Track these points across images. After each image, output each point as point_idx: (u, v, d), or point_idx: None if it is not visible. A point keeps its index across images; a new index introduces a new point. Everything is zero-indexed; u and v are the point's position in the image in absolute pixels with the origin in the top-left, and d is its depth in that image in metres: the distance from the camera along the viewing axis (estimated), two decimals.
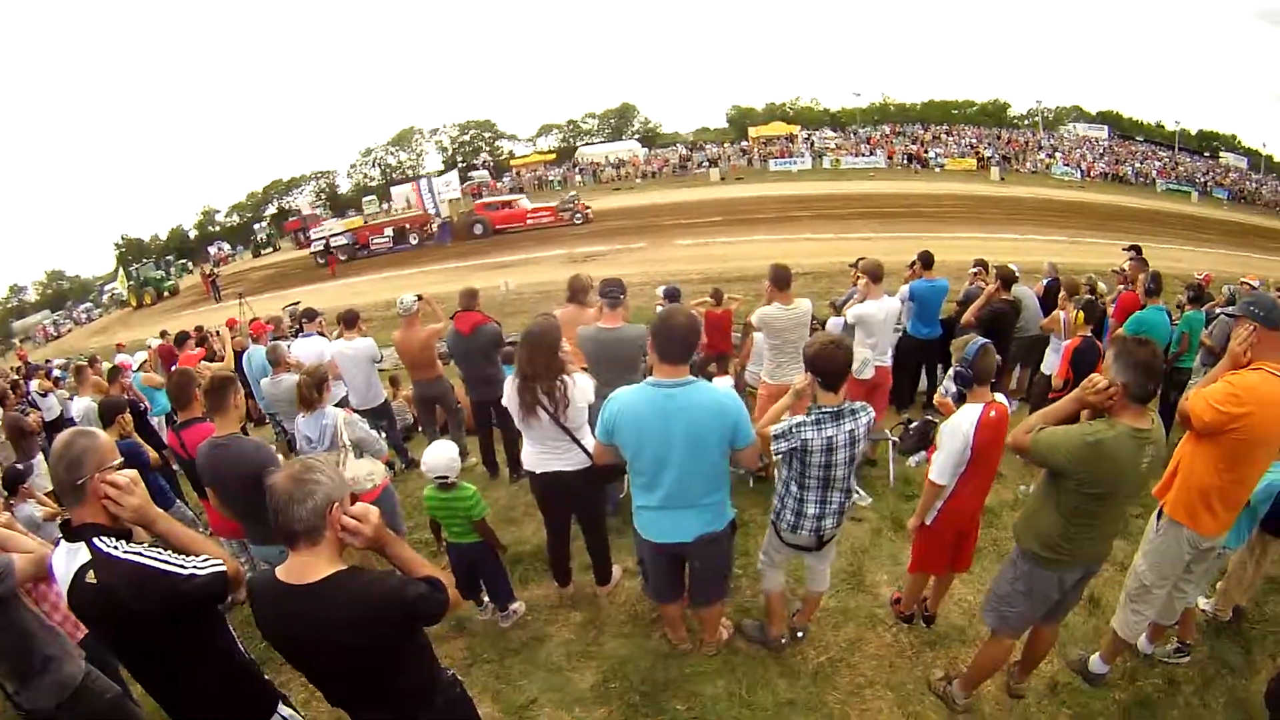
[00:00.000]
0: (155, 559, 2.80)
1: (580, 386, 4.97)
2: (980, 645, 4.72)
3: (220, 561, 2.93)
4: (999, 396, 4.59)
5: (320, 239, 44.03)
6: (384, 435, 8.63)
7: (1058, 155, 65.39)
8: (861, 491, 7.24)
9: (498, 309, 17.65)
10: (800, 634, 5.28)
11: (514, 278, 24.38)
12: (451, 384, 9.00)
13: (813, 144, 66.60)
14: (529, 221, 41.88)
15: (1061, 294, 8.54)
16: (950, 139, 68.67)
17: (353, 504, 2.76)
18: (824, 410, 4.19)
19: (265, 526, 3.01)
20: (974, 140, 68.71)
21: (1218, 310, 9.49)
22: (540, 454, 5.19)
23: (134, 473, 2.99)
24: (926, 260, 9.00)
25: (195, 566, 2.84)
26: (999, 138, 70.62)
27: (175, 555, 2.87)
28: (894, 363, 8.60)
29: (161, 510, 3.10)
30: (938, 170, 59.63)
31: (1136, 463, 3.63)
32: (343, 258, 41.92)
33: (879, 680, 4.97)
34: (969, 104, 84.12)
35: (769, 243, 28.74)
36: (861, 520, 6.93)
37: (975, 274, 9.92)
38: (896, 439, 7.65)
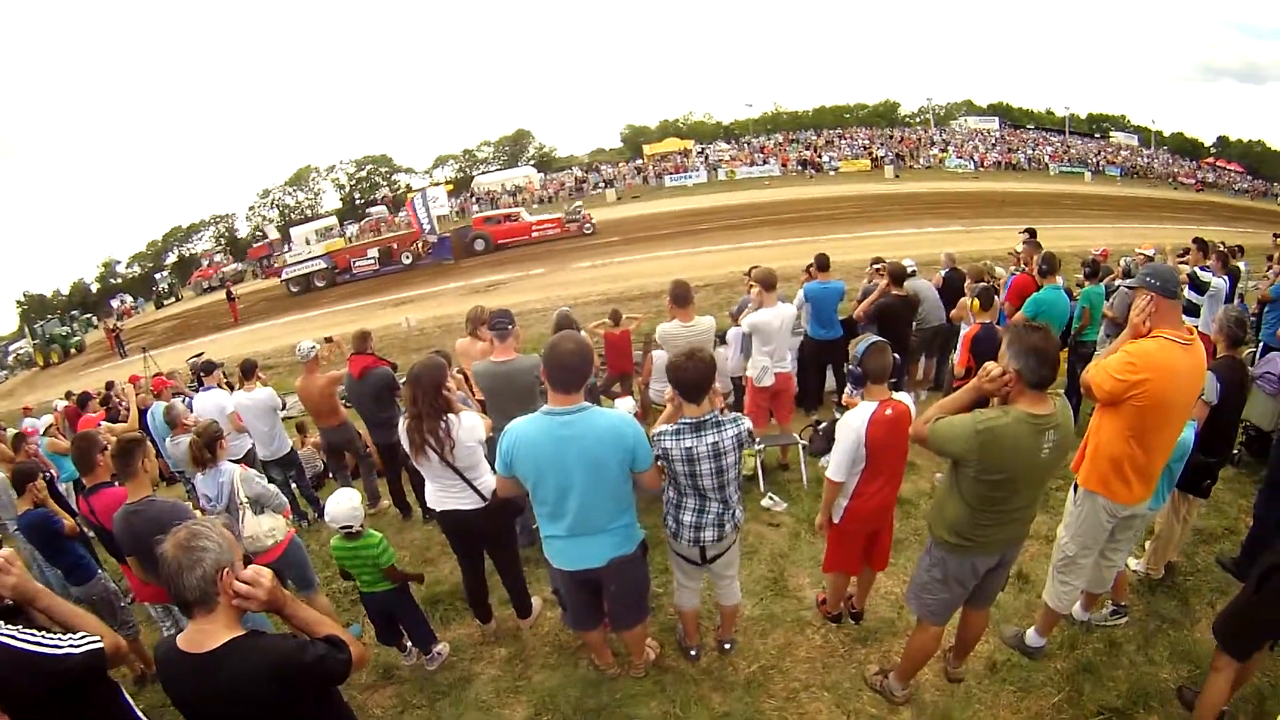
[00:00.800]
0: (28, 641, 2.71)
1: (466, 426, 4.89)
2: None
3: (98, 638, 2.87)
4: (901, 394, 4.62)
5: (297, 264, 40.99)
6: (293, 485, 8.47)
7: (950, 149, 67.31)
8: (775, 497, 7.31)
9: (401, 346, 17.51)
10: (728, 645, 5.24)
11: (416, 313, 24.07)
12: (357, 429, 8.78)
13: (706, 157, 67.20)
14: (534, 234, 40.53)
15: (967, 282, 8.64)
16: (843, 142, 70.07)
17: (255, 562, 2.68)
18: (685, 421, 4.19)
19: None
20: (867, 141, 70.23)
21: (1117, 282, 9.70)
22: (438, 492, 5.11)
23: (9, 551, 2.94)
24: (822, 263, 9.03)
25: (71, 645, 2.78)
26: (891, 137, 72.53)
27: (51, 635, 2.80)
28: (798, 365, 8.74)
29: (42, 586, 3.06)
30: (832, 173, 60.50)
31: (1035, 449, 3.62)
32: (320, 284, 39.78)
33: (814, 683, 4.93)
34: (861, 107, 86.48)
35: (669, 258, 28.93)
36: (779, 525, 6.95)
37: (876, 270, 9.97)
38: (806, 442, 7.69)
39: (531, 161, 79.49)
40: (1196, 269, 9.45)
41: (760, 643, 5.31)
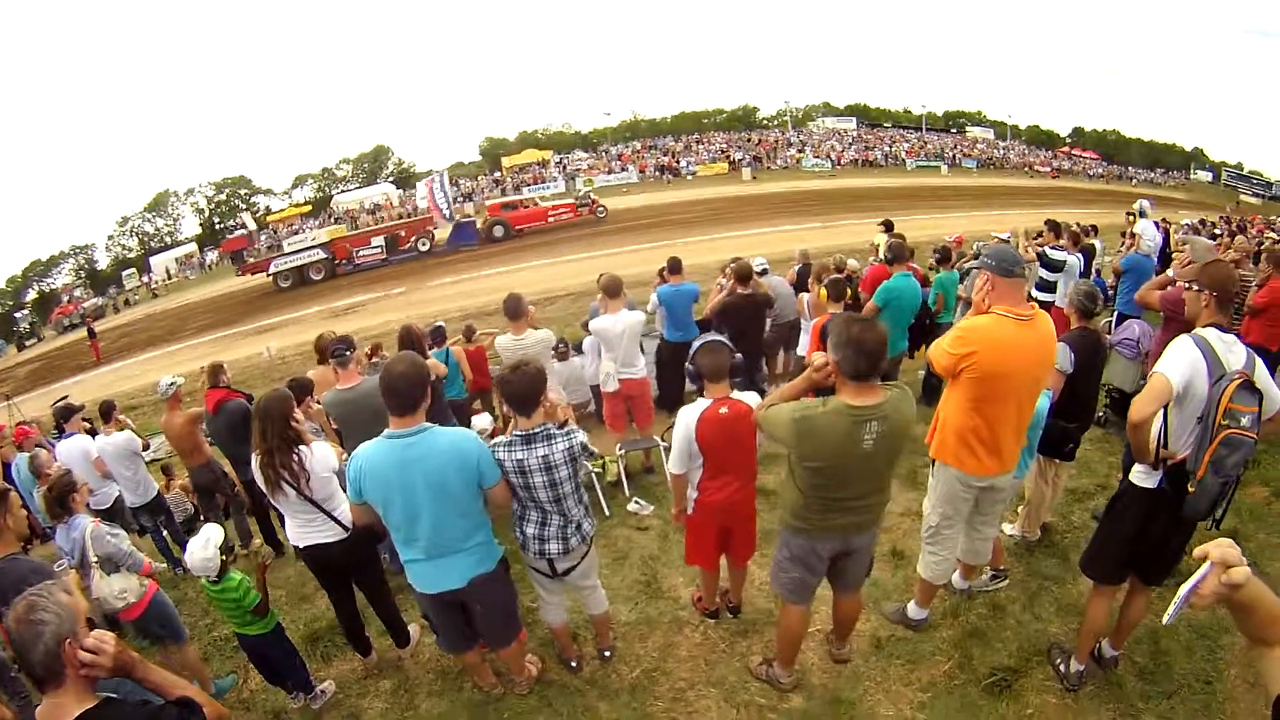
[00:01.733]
0: None
1: (318, 456, 4.80)
2: None
3: None
4: (746, 393, 4.64)
5: (290, 255, 38.08)
6: (164, 530, 8.16)
7: (807, 149, 68.79)
8: (641, 501, 7.30)
9: (264, 376, 17.04)
10: (607, 653, 5.19)
11: (277, 341, 23.11)
12: (223, 467, 8.40)
13: (565, 167, 66.91)
14: (550, 219, 40.33)
15: (810, 278, 8.82)
16: (701, 147, 71.00)
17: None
18: (517, 434, 4.19)
19: None
20: (724, 145, 71.41)
21: (968, 265, 10.04)
22: (298, 528, 4.98)
23: None
24: (674, 266, 9.07)
25: None
26: (749, 140, 73.81)
27: None
28: (657, 369, 8.94)
29: None
30: (690, 178, 60.97)
31: (854, 439, 3.62)
32: (316, 276, 37.53)
33: (699, 680, 4.92)
34: (719, 112, 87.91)
35: (529, 270, 28.64)
36: (647, 528, 6.93)
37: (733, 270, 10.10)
38: (668, 444, 7.74)
39: (391, 178, 77.56)
40: (1047, 248, 9.87)
41: (640, 647, 5.27)
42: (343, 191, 69.95)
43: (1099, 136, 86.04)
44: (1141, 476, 4.05)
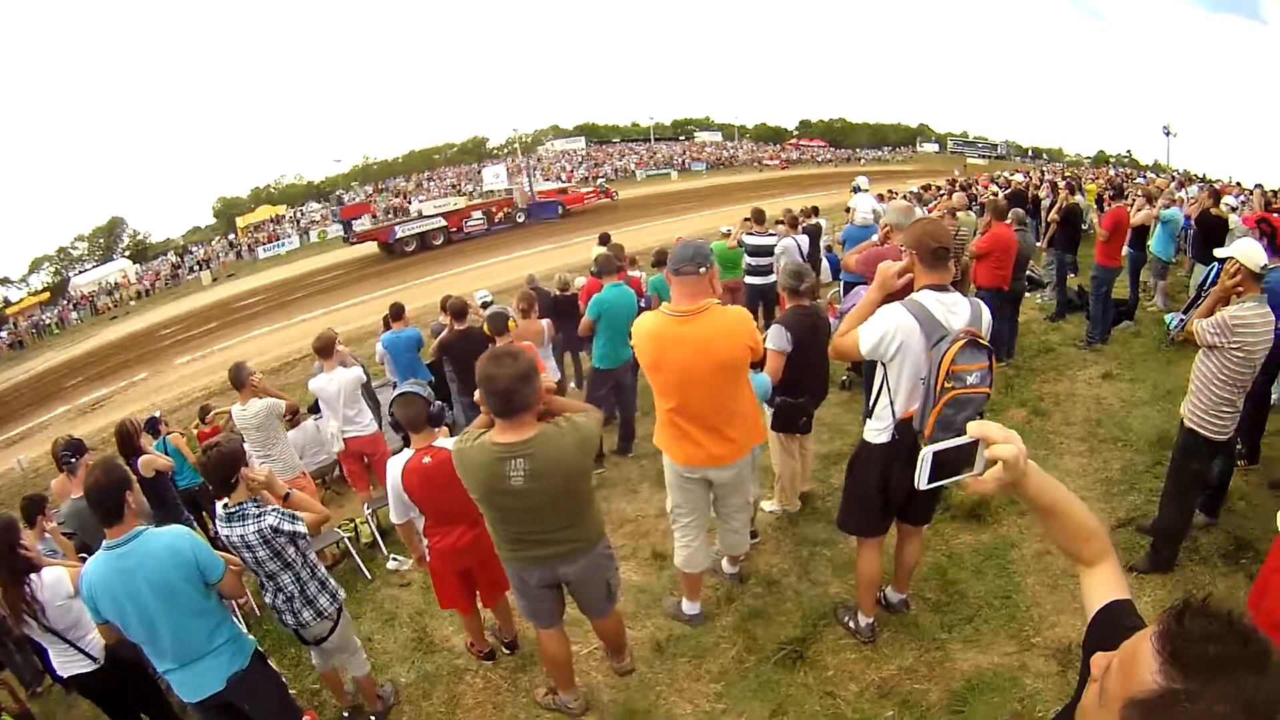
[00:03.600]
0: None
1: (48, 584, 4.47)
2: None
3: None
4: (446, 441, 4.62)
5: (411, 222, 42.95)
6: None
7: (538, 173, 68.73)
8: (399, 558, 7.10)
9: (19, 494, 15.80)
10: (374, 716, 5.03)
11: (27, 451, 20.80)
12: None
13: (298, 221, 65.12)
14: (585, 202, 48.55)
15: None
16: (432, 184, 71.50)
17: None
18: (225, 510, 4.14)
19: None
20: (455, 180, 72.38)
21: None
22: (57, 657, 4.64)
23: None
24: (396, 312, 9.14)
25: None
26: (479, 171, 73.21)
27: None
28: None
29: None
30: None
31: (499, 476, 3.59)
32: (436, 243, 41.74)
33: None
34: (449, 146, 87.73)
35: (266, 335, 27.32)
36: (409, 584, 6.73)
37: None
38: None
39: (127, 252, 71.37)
40: (743, 235, 10.36)
41: (426, 704, 5.09)
42: (80, 273, 65.57)
43: (826, 125, 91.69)
44: (874, 432, 4.16)
